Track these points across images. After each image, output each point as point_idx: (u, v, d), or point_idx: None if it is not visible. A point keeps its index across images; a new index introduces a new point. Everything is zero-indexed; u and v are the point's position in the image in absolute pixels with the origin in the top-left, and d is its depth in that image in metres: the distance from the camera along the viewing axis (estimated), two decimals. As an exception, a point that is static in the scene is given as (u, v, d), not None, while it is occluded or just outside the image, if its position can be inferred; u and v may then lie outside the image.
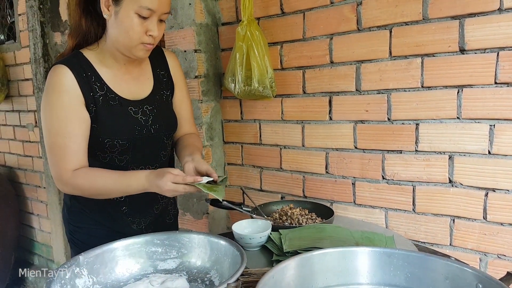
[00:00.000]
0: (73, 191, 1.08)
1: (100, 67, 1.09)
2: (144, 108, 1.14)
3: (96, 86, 1.07)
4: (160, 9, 1.02)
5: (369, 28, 1.32)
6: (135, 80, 1.16)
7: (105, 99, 1.08)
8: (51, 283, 0.80)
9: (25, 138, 2.77)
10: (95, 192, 1.07)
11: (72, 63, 1.05)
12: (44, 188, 2.64)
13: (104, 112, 1.08)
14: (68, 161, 1.04)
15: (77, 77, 1.04)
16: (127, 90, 1.13)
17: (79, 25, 1.09)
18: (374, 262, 0.87)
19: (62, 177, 1.05)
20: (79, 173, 1.05)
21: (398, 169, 1.32)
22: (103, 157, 1.11)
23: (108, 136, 1.08)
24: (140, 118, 1.13)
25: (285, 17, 1.52)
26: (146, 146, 1.15)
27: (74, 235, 1.18)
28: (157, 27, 1.04)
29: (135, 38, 1.03)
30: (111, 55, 1.10)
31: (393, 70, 1.29)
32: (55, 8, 2.40)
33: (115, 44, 1.07)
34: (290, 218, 1.27)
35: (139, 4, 0.99)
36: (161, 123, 1.17)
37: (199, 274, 1.00)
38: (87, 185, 1.05)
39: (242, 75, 1.50)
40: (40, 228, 2.83)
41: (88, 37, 1.10)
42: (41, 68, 2.45)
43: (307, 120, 1.52)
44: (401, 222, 1.34)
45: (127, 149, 1.11)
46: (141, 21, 1.01)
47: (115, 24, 1.03)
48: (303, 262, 0.83)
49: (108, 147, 1.09)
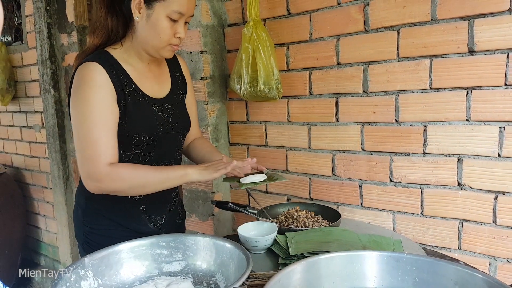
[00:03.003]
0: (110, 184, 1.03)
1: (126, 65, 1.11)
2: (165, 106, 1.17)
3: (125, 83, 1.09)
4: (188, 12, 1.08)
5: (377, 29, 1.31)
6: (157, 79, 1.19)
7: (133, 96, 1.10)
8: (56, 285, 0.79)
9: (32, 139, 2.78)
10: (136, 184, 1.05)
11: (102, 60, 1.06)
12: (50, 189, 2.65)
13: (133, 108, 1.09)
14: (105, 155, 1.03)
15: (109, 73, 1.05)
16: (150, 88, 1.16)
17: (104, 24, 1.10)
18: (381, 267, 0.86)
19: (98, 171, 1.02)
20: (118, 165, 1.04)
21: (406, 172, 1.30)
22: (127, 155, 1.12)
23: (136, 131, 1.09)
24: (162, 115, 1.16)
25: (292, 18, 1.51)
26: (167, 143, 1.18)
27: (89, 237, 1.18)
28: (183, 28, 1.08)
29: (165, 40, 1.07)
30: (136, 54, 1.13)
31: (401, 71, 1.27)
32: (61, 10, 2.42)
33: (143, 45, 1.10)
34: (296, 221, 1.26)
35: (171, 8, 1.04)
36: (179, 121, 1.21)
37: (204, 277, 0.99)
38: (128, 176, 1.03)
39: (248, 77, 1.50)
40: (46, 228, 2.84)
41: (113, 36, 1.12)
42: (48, 69, 2.47)
43: (314, 122, 1.51)
44: (409, 225, 1.32)
45: (151, 145, 1.14)
46: (171, 24, 1.06)
47: (146, 26, 1.07)
48: (310, 266, 0.82)
49: (135, 143, 1.11)
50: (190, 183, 1.83)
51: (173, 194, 1.28)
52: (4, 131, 3.04)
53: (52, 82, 2.46)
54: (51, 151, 2.51)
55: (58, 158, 2.47)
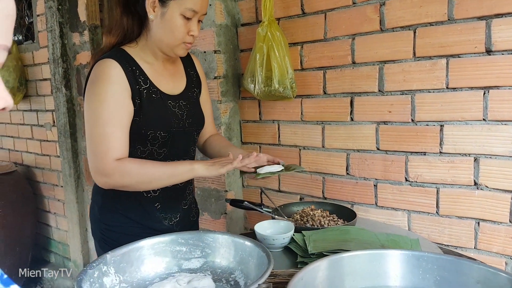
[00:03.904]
0: (118, 179, 1.04)
1: (142, 63, 1.13)
2: (180, 103, 1.19)
3: (141, 80, 1.11)
4: (202, 10, 1.09)
5: (393, 29, 1.31)
6: (172, 76, 1.20)
7: (148, 93, 1.11)
8: (82, 281, 0.80)
9: (43, 138, 2.81)
10: (142, 180, 1.06)
11: (119, 57, 1.08)
12: (61, 187, 2.67)
13: (148, 105, 1.10)
14: (115, 150, 1.04)
15: (125, 70, 1.07)
16: (166, 85, 1.17)
17: (120, 23, 1.13)
18: (403, 265, 0.86)
19: (107, 167, 1.03)
20: (125, 160, 1.05)
21: (421, 171, 1.30)
22: (142, 151, 1.14)
23: (151, 128, 1.11)
24: (177, 112, 1.17)
25: (306, 17, 1.51)
26: (181, 140, 1.19)
27: (106, 234, 1.19)
28: (197, 26, 1.10)
29: (179, 38, 1.09)
30: (151, 52, 1.15)
31: (417, 71, 1.27)
32: (73, 9, 2.43)
33: (157, 43, 1.12)
34: (311, 220, 1.26)
35: (185, 6, 1.05)
36: (194, 118, 1.22)
37: (223, 274, 1.00)
38: (135, 171, 1.04)
39: (262, 76, 1.50)
40: (56, 226, 2.86)
41: (128, 35, 1.14)
42: (60, 68, 2.49)
43: (328, 121, 1.51)
44: (424, 225, 1.32)
45: (166, 141, 1.15)
46: (185, 22, 1.07)
47: (160, 24, 1.08)
48: (333, 264, 0.82)
49: (150, 139, 1.12)
50: (203, 182, 1.84)
51: (187, 192, 1.29)
52: (15, 129, 3.07)
53: (64, 81, 2.48)
54: (63, 149, 2.53)
55: (70, 156, 2.49)
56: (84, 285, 0.79)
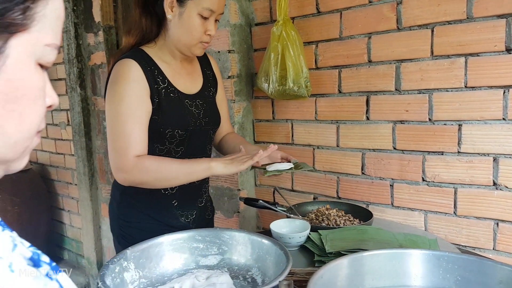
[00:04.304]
0: (137, 175, 1.06)
1: (160, 62, 1.15)
2: (197, 102, 1.20)
3: (159, 79, 1.13)
4: (219, 10, 1.10)
5: (410, 27, 1.30)
6: (189, 76, 1.22)
7: (166, 92, 1.13)
8: (104, 276, 0.81)
9: (57, 136, 2.85)
10: (160, 177, 1.07)
11: (138, 57, 1.10)
12: (75, 185, 2.71)
13: (166, 104, 1.12)
14: (134, 147, 1.06)
15: (144, 70, 1.09)
16: (183, 84, 1.18)
17: (139, 24, 1.14)
18: (423, 265, 0.85)
19: (127, 164, 1.05)
20: (144, 157, 1.07)
21: (439, 171, 1.29)
22: (161, 149, 1.15)
23: (169, 126, 1.12)
24: (194, 111, 1.19)
25: (321, 16, 1.51)
26: (198, 138, 1.21)
27: (124, 230, 1.21)
28: (214, 26, 1.11)
29: (196, 37, 1.10)
30: (169, 52, 1.16)
31: (435, 69, 1.26)
32: (88, 10, 2.47)
33: (175, 43, 1.13)
34: (327, 219, 1.26)
35: (202, 5, 1.07)
36: (210, 117, 1.23)
37: (240, 271, 1.00)
38: (154, 168, 1.05)
39: (277, 75, 1.50)
40: (70, 223, 2.90)
41: (147, 36, 1.16)
42: (75, 68, 2.52)
43: (343, 120, 1.51)
44: (441, 225, 1.31)
45: (184, 140, 1.17)
46: (202, 21, 1.09)
47: (178, 24, 1.10)
48: (353, 263, 0.82)
49: (168, 137, 1.14)
50: (216, 181, 1.85)
51: (203, 190, 1.30)
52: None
53: (79, 80, 2.51)
54: (77, 148, 2.57)
55: (84, 155, 2.52)
56: (107, 280, 0.80)
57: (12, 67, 0.37)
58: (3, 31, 0.35)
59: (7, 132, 0.38)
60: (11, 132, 0.38)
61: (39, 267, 0.34)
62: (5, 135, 0.38)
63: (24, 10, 0.36)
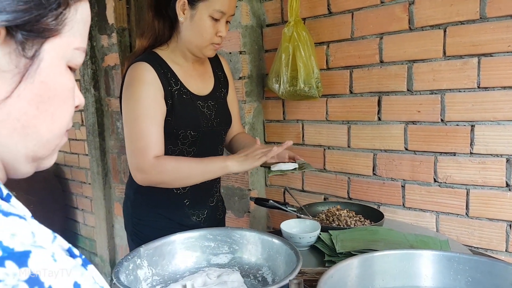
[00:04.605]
0: (157, 176, 1.08)
1: (172, 65, 1.17)
2: (208, 103, 1.22)
3: (172, 82, 1.15)
4: (229, 11, 1.11)
5: (422, 28, 1.30)
6: (201, 77, 1.24)
7: (179, 93, 1.15)
8: (118, 273, 0.83)
9: (72, 136, 2.90)
10: (178, 176, 1.10)
11: (151, 59, 1.12)
12: (89, 184, 2.76)
13: (179, 105, 1.14)
14: (152, 148, 1.08)
15: (157, 72, 1.11)
16: (195, 86, 1.20)
17: (151, 27, 1.16)
18: (433, 265, 0.85)
19: (146, 164, 1.07)
20: (162, 158, 1.09)
21: (451, 172, 1.28)
22: (173, 150, 1.17)
23: (182, 127, 1.15)
24: (206, 112, 1.20)
25: (333, 17, 1.52)
26: (210, 139, 1.23)
27: (137, 228, 1.23)
28: (225, 27, 1.12)
29: (207, 39, 1.12)
30: (181, 54, 1.18)
31: (448, 70, 1.25)
32: (102, 12, 2.51)
33: (187, 45, 1.15)
34: (337, 220, 1.26)
35: (213, 7, 1.08)
36: (221, 118, 1.25)
37: (251, 270, 1.01)
38: (171, 169, 1.08)
39: (288, 76, 1.51)
40: (84, 222, 2.95)
41: (159, 38, 1.18)
42: (89, 70, 2.56)
43: (354, 121, 1.51)
44: (453, 226, 1.30)
45: (196, 140, 1.18)
46: (213, 23, 1.10)
47: (189, 26, 1.12)
48: (364, 263, 0.82)
49: (181, 138, 1.16)
50: (227, 180, 1.87)
51: (214, 190, 1.32)
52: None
53: (93, 82, 2.56)
54: (91, 148, 2.61)
55: (98, 155, 2.57)
56: (121, 277, 0.82)
57: (46, 70, 0.39)
58: (38, 36, 0.38)
59: (40, 131, 0.40)
60: (44, 131, 0.41)
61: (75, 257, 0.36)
62: (38, 134, 0.40)
63: (56, 16, 0.38)
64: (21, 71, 0.37)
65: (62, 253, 0.34)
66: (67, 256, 0.35)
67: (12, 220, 0.32)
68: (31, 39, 0.37)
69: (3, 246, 0.30)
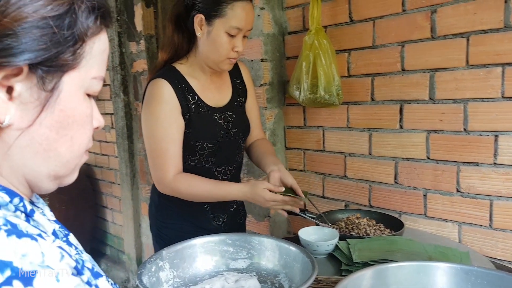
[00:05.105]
0: (172, 193, 1.19)
1: (190, 79, 1.21)
2: (226, 114, 1.25)
3: (189, 96, 1.19)
4: (246, 27, 1.13)
5: (444, 36, 1.28)
6: (218, 89, 1.27)
7: (196, 107, 1.20)
8: (142, 274, 0.88)
9: (102, 139, 3.02)
10: (191, 197, 1.19)
11: (169, 76, 1.17)
12: (118, 185, 2.87)
13: (196, 118, 1.19)
14: (170, 165, 1.15)
15: (175, 89, 1.16)
16: (212, 98, 1.24)
17: (171, 40, 1.21)
18: (450, 279, 0.85)
19: (164, 180, 1.16)
20: (179, 178, 1.16)
21: (474, 182, 1.26)
22: (192, 160, 1.23)
23: (199, 140, 1.19)
24: (223, 123, 1.24)
25: (354, 25, 1.52)
26: (227, 149, 1.26)
27: (161, 231, 1.29)
28: (241, 42, 1.14)
29: (223, 54, 1.15)
30: (199, 67, 1.22)
31: (471, 79, 1.24)
32: (131, 19, 2.60)
33: (204, 59, 1.19)
34: (357, 228, 1.26)
35: (230, 24, 1.11)
36: (239, 127, 1.28)
37: (268, 276, 1.04)
38: (185, 190, 1.16)
39: (308, 83, 1.53)
40: (113, 221, 3.07)
41: (179, 52, 1.22)
42: (118, 75, 2.67)
43: (375, 128, 1.50)
44: (476, 238, 1.28)
45: (213, 151, 1.22)
46: (230, 39, 1.13)
47: (206, 42, 1.15)
48: (378, 274, 0.83)
49: (198, 150, 1.20)
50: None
51: None
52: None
53: (122, 87, 2.66)
54: (120, 150, 2.72)
55: (126, 156, 2.67)
56: (144, 279, 0.86)
57: (65, 99, 0.43)
58: (57, 70, 0.42)
59: (60, 153, 0.45)
60: (64, 153, 0.45)
61: (81, 275, 0.39)
62: (59, 155, 0.45)
63: (74, 52, 0.43)
64: (42, 102, 0.41)
65: (68, 272, 0.38)
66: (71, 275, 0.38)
67: (25, 242, 0.36)
68: (51, 74, 0.41)
69: (12, 266, 0.34)
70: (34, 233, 0.38)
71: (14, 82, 0.39)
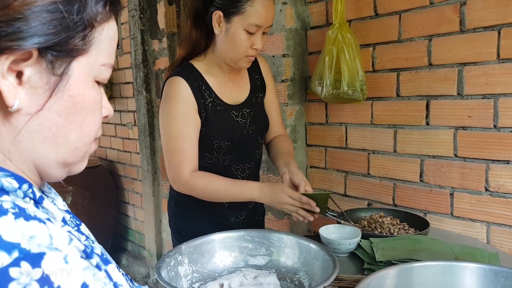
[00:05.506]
0: (188, 191, 1.19)
1: (207, 76, 1.20)
2: (243, 111, 1.24)
3: (206, 94, 1.18)
4: (266, 24, 1.11)
5: (474, 29, 1.23)
6: (236, 86, 1.26)
7: (213, 105, 1.19)
8: (160, 268, 0.88)
9: (125, 136, 3.07)
10: (207, 196, 1.18)
11: (186, 74, 1.16)
12: (140, 181, 2.91)
13: (213, 117, 1.18)
14: (186, 164, 1.15)
15: (191, 87, 1.15)
16: (230, 96, 1.23)
17: (189, 36, 1.20)
18: (478, 280, 0.81)
19: (181, 178, 1.16)
20: (195, 177, 1.16)
21: (504, 181, 1.20)
22: (209, 158, 1.22)
23: (216, 138, 1.18)
24: (240, 121, 1.22)
25: (379, 18, 1.48)
26: (245, 146, 1.24)
27: (180, 226, 1.29)
28: (260, 40, 1.12)
29: (242, 52, 1.13)
30: (217, 65, 1.21)
31: (502, 73, 1.18)
32: (153, 17, 2.63)
33: (222, 57, 1.17)
34: (380, 227, 1.23)
35: (248, 21, 1.08)
36: (257, 124, 1.26)
37: (287, 273, 1.02)
38: (201, 189, 1.16)
39: (331, 79, 1.50)
40: (134, 216, 3.12)
41: (197, 48, 1.21)
42: (141, 73, 2.70)
43: (400, 125, 1.46)
44: (506, 238, 1.22)
45: (231, 149, 1.21)
46: (248, 36, 1.11)
47: (224, 39, 1.13)
48: (402, 273, 0.80)
49: (215, 148, 1.20)
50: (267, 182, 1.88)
51: None
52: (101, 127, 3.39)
53: (144, 84, 2.69)
54: (142, 147, 2.76)
55: (148, 153, 2.70)
56: (162, 272, 0.87)
57: (74, 85, 0.43)
58: (67, 55, 0.42)
59: (70, 140, 0.45)
60: (73, 139, 0.45)
61: (90, 258, 0.39)
62: (68, 142, 0.45)
63: (83, 37, 0.42)
64: (52, 87, 0.41)
65: (77, 255, 0.38)
66: (80, 258, 0.38)
67: (33, 224, 0.36)
68: (61, 59, 0.41)
69: (20, 248, 0.34)
70: (43, 217, 0.38)
71: (23, 66, 0.39)
